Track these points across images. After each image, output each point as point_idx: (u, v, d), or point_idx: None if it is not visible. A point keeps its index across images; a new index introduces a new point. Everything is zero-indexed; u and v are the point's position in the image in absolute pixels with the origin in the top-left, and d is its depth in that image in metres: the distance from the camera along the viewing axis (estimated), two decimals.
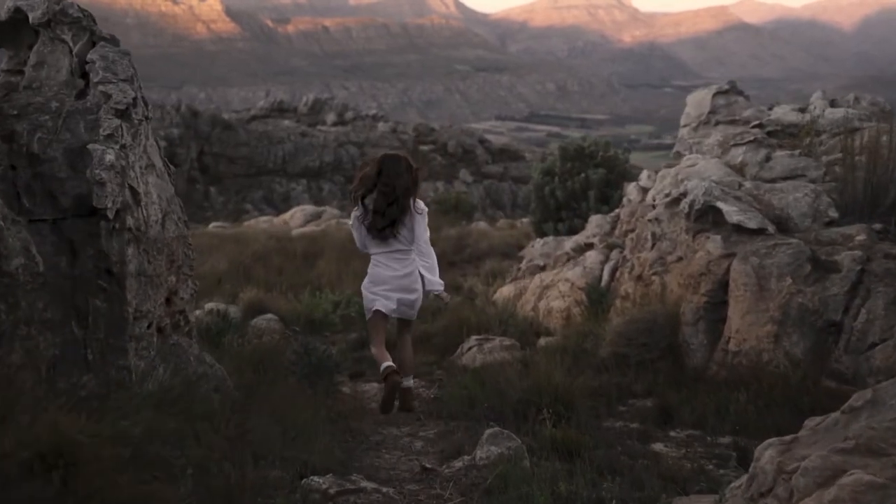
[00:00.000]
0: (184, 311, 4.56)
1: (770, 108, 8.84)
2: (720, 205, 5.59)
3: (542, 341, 7.15)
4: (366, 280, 4.61)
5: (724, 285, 5.46)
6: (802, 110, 8.03)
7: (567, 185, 12.78)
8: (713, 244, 5.51)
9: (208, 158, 50.26)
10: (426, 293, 4.61)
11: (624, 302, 6.30)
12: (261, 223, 21.74)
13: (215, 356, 5.31)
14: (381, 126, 55.11)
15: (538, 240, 10.83)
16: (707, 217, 5.71)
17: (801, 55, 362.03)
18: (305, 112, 57.76)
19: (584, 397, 4.63)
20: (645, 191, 8.33)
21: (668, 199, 6.05)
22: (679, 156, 9.12)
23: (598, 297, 6.88)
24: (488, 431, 3.76)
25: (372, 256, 4.58)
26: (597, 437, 4.09)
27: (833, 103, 8.22)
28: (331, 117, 56.27)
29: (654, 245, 6.23)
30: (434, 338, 7.41)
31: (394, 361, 4.46)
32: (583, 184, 12.74)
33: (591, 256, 7.60)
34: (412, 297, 4.54)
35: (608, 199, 12.88)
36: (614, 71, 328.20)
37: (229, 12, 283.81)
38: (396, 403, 4.37)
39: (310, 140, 52.50)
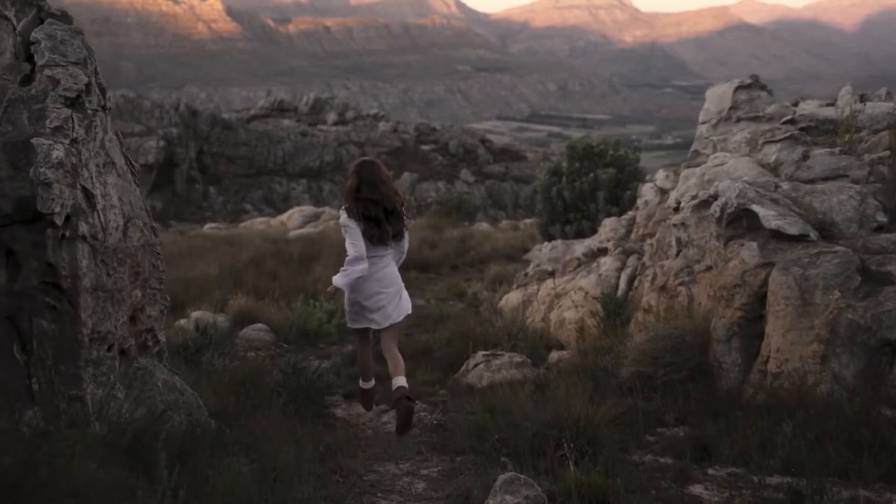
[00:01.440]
0: (152, 329, 3.98)
1: (794, 104, 8.28)
2: (756, 208, 5.02)
3: (555, 356, 6.58)
4: (347, 293, 4.68)
5: (761, 298, 4.88)
6: (831, 105, 7.47)
7: (575, 186, 12.22)
8: (748, 252, 4.94)
9: (207, 158, 49.77)
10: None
11: (646, 315, 5.72)
12: (257, 224, 21.18)
13: (192, 378, 4.74)
14: (382, 125, 54.58)
15: (546, 243, 10.26)
16: (741, 222, 5.14)
17: (802, 55, 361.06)
18: (306, 111, 57.24)
19: (608, 427, 4.05)
20: (663, 192, 7.76)
21: (695, 202, 5.48)
22: (697, 154, 8.56)
23: (615, 309, 6.31)
24: (502, 478, 3.19)
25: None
26: (627, 480, 3.52)
27: (863, 98, 7.66)
28: (331, 117, 55.75)
29: (679, 252, 5.65)
30: (436, 351, 6.84)
31: (388, 365, 4.65)
32: (591, 184, 12.18)
33: (607, 263, 7.02)
34: (394, 303, 4.69)
35: (618, 200, 12.33)
36: (615, 71, 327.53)
37: (230, 12, 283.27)
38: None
39: (310, 139, 51.98)
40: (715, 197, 5.30)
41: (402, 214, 4.67)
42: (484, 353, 5.83)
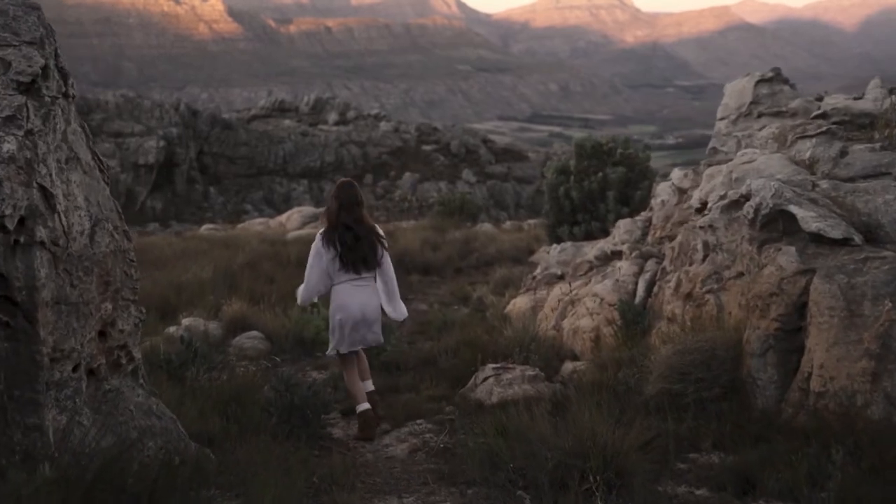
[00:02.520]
0: (125, 345, 3.55)
1: (819, 99, 7.84)
2: (793, 209, 4.57)
3: (569, 367, 6.14)
4: (334, 313, 4.82)
5: (800, 308, 4.43)
6: (857, 100, 7.03)
7: (583, 185, 11.78)
8: (786, 257, 4.49)
9: (208, 158, 49.40)
10: (393, 322, 5.05)
11: (670, 325, 5.27)
12: (256, 225, 20.75)
13: (175, 396, 4.31)
14: (384, 125, 54.18)
15: (555, 245, 9.81)
16: (776, 224, 4.69)
17: (802, 55, 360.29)
18: (307, 111, 56.84)
19: (636, 454, 3.61)
20: (681, 191, 7.32)
21: (724, 203, 5.04)
22: (715, 152, 8.12)
23: (633, 317, 5.87)
24: None
25: (337, 286, 4.80)
26: None
27: (893, 91, 7.22)
28: (332, 116, 55.35)
29: (706, 257, 5.21)
30: (441, 361, 6.40)
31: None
32: (601, 183, 11.73)
33: (623, 268, 6.58)
34: (373, 329, 4.86)
35: (628, 200, 11.89)
36: (616, 71, 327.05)
37: (231, 13, 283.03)
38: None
39: (311, 140, 51.57)
40: (747, 197, 4.85)
41: (377, 240, 4.80)
42: (494, 366, 5.38)
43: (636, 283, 6.40)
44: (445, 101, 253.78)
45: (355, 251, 4.69)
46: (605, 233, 11.65)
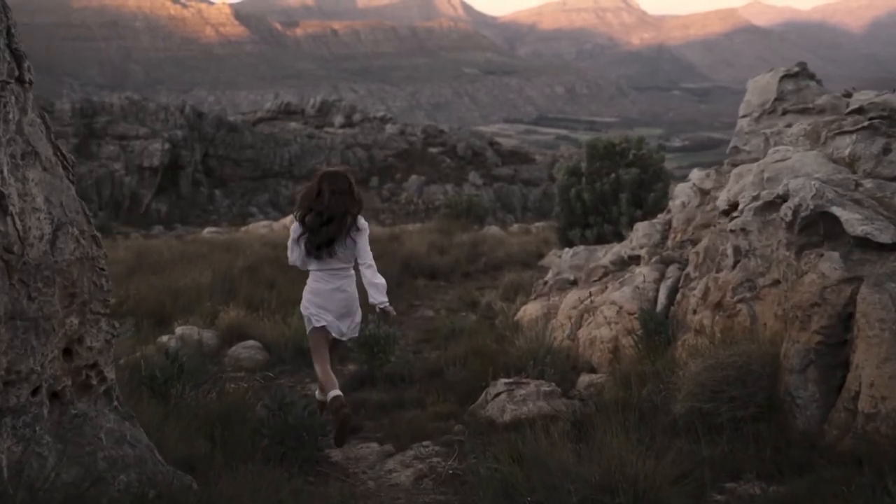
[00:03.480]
0: (95, 364, 3.16)
1: (847, 95, 7.42)
2: (836, 210, 4.16)
3: (585, 380, 5.73)
4: (306, 293, 4.69)
5: (845, 320, 4.02)
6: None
7: (595, 187, 11.37)
8: (829, 264, 4.08)
9: (213, 161, 49.20)
10: (372, 308, 4.58)
11: (698, 337, 4.86)
12: (259, 228, 20.40)
13: (158, 417, 3.92)
14: (389, 128, 53.90)
15: (566, 249, 9.40)
16: (816, 227, 4.28)
17: (809, 57, 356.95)
18: (313, 114, 56.61)
19: (670, 487, 3.20)
20: (703, 192, 6.90)
21: (757, 204, 4.62)
22: (737, 151, 7.70)
23: (655, 327, 5.46)
24: None
25: (311, 272, 4.67)
26: None
27: None
28: (338, 119, 55.10)
29: (737, 263, 4.79)
30: (448, 373, 5.99)
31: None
32: (613, 185, 11.32)
33: (643, 274, 6.16)
34: (348, 320, 4.66)
35: (641, 202, 11.48)
36: (623, 73, 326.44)
37: (238, 16, 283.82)
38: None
39: (317, 142, 51.33)
40: (784, 198, 4.44)
41: (345, 223, 4.52)
42: (506, 380, 4.98)
43: (657, 291, 5.99)
44: (451, 103, 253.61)
45: (316, 235, 4.50)
46: (618, 236, 11.25)
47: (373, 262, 4.57)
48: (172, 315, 8.23)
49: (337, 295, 4.53)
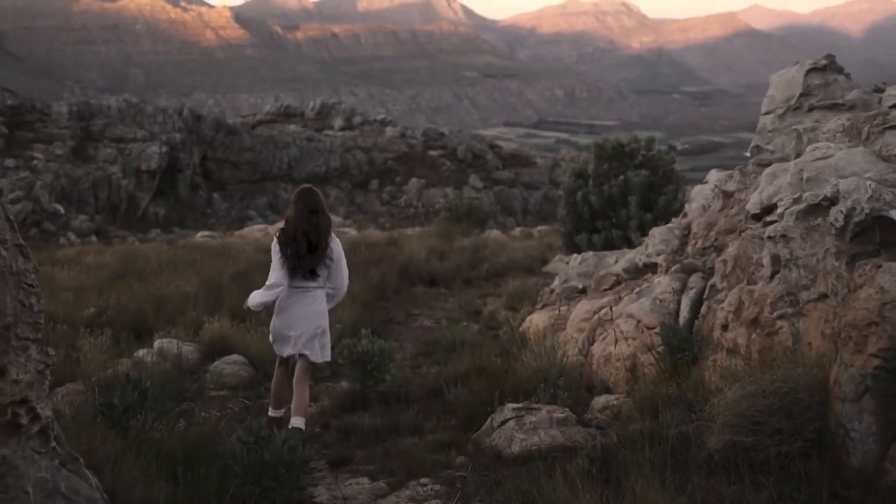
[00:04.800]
0: (25, 401, 2.62)
1: (878, 90, 6.89)
2: None
3: (600, 401, 5.19)
4: (274, 316, 4.89)
5: None
6: None
7: (603, 190, 10.83)
8: (889, 277, 3.54)
9: (211, 164, 48.72)
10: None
11: (731, 357, 4.31)
12: (255, 232, 19.88)
13: (115, 452, 3.37)
14: (390, 131, 53.44)
15: (574, 255, 8.87)
16: (871, 234, 3.74)
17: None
18: (313, 116, 56.17)
19: None
20: (727, 195, 6.37)
21: (800, 207, 4.08)
22: (759, 150, 7.17)
23: (679, 344, 4.92)
24: None
25: (287, 288, 4.78)
26: None
27: None
28: (338, 122, 54.65)
29: (775, 273, 4.25)
30: (450, 394, 5.44)
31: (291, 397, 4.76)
32: (622, 188, 10.78)
33: (662, 284, 5.62)
34: (315, 341, 4.75)
35: (651, 205, 10.94)
36: (623, 77, 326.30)
37: (238, 19, 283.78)
38: None
39: (316, 145, 50.86)
40: (832, 200, 3.90)
41: (324, 249, 4.68)
42: (514, 405, 4.43)
43: (678, 303, 5.45)
44: (452, 107, 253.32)
45: (305, 261, 4.65)
46: (627, 241, 10.71)
47: (343, 286, 4.84)
48: (154, 326, 7.69)
49: (307, 319, 4.70)
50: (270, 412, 4.83)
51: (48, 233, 32.69)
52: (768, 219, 4.67)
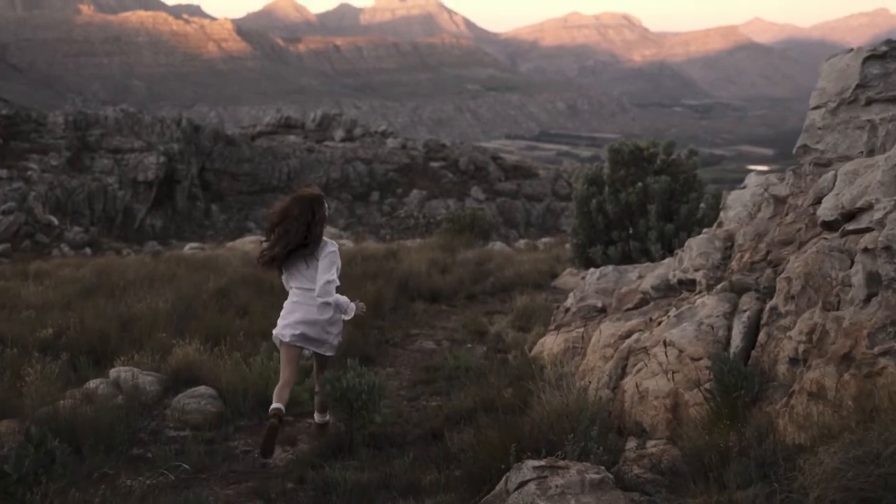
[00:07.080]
0: None
1: None
2: None
3: (633, 447, 4.28)
4: (280, 319, 4.81)
5: None
6: None
7: (620, 198, 9.91)
8: None
9: (210, 175, 48.03)
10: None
11: (814, 403, 3.38)
12: (246, 244, 18.97)
13: None
14: (391, 142, 52.79)
15: (592, 270, 7.94)
16: None
17: (810, 74, 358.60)
18: (313, 128, 55.53)
19: None
20: (779, 200, 5.45)
21: None
22: (807, 150, 6.25)
23: (735, 380, 3.99)
24: None
25: (290, 290, 4.81)
26: None
27: None
28: (339, 133, 54.01)
29: (871, 297, 3.33)
30: (452, 439, 4.50)
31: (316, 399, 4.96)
32: (640, 195, 9.86)
33: (708, 305, 4.69)
34: (316, 328, 4.69)
35: (672, 215, 10.02)
36: (624, 90, 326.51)
37: (240, 31, 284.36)
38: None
39: (316, 156, 50.18)
40: None
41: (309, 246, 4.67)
42: (535, 463, 3.48)
43: (729, 329, 4.52)
44: (454, 119, 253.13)
45: (275, 259, 4.70)
46: (646, 253, 9.80)
47: (327, 290, 4.59)
48: (117, 351, 6.75)
49: (309, 314, 4.65)
50: (273, 407, 4.56)
51: (41, 245, 31.86)
52: (849, 227, 3.75)
